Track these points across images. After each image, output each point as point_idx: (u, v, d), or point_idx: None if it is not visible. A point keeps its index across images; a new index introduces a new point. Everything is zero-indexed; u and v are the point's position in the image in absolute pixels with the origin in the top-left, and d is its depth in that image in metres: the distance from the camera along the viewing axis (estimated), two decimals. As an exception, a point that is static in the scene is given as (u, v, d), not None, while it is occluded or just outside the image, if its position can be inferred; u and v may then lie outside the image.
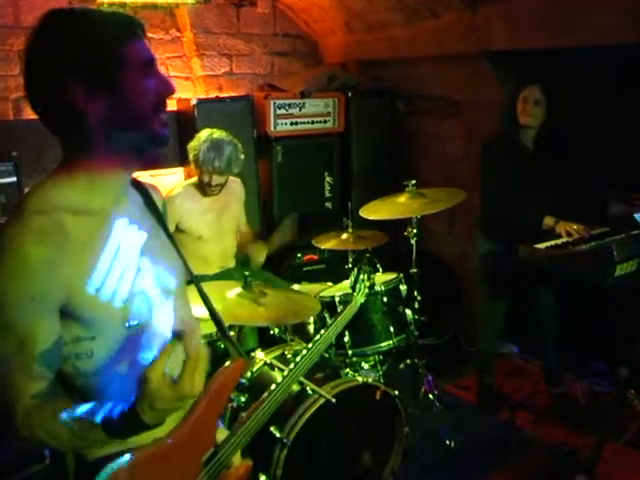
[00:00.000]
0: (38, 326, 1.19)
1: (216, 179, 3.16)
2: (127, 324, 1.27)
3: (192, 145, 3.17)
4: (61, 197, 1.23)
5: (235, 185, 3.45)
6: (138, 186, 1.45)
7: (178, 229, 3.22)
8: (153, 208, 1.46)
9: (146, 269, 1.34)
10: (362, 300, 2.49)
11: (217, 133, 3.17)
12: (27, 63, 1.21)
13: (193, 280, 1.58)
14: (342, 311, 2.33)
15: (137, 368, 1.27)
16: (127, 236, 1.31)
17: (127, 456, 1.26)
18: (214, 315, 1.62)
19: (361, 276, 2.55)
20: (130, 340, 1.29)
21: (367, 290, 2.54)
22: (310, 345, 2.03)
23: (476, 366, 3.66)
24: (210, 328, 2.62)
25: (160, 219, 1.47)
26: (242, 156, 3.22)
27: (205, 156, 3.09)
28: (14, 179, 3.15)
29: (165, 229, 1.47)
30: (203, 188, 3.23)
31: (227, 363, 1.54)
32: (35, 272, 1.15)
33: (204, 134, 3.17)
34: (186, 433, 1.39)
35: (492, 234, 3.31)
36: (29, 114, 3.93)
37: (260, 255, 3.31)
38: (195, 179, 3.29)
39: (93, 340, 1.25)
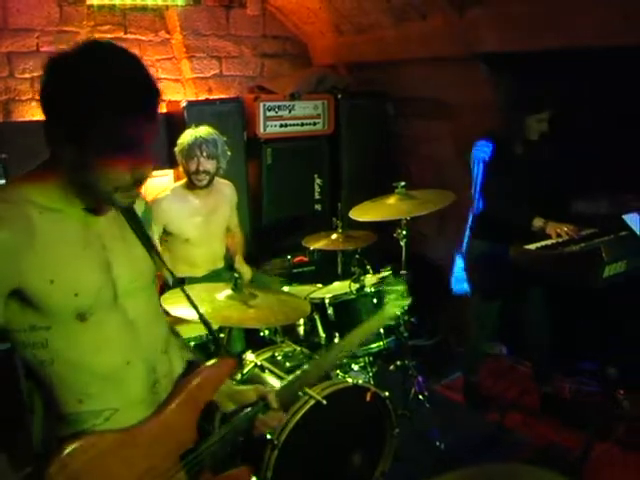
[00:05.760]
0: None
1: (204, 163, 3.15)
2: (82, 318, 1.29)
3: (178, 142, 3.22)
4: (32, 192, 1.26)
5: (225, 188, 3.43)
6: None
7: (166, 232, 3.20)
8: (129, 211, 1.46)
9: (107, 267, 1.34)
10: (396, 312, 2.48)
11: (202, 128, 3.24)
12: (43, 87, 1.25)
13: (179, 284, 1.57)
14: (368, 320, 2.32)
15: (96, 361, 1.31)
16: (91, 234, 1.33)
17: (84, 438, 1.28)
18: (202, 317, 1.62)
19: (398, 286, 2.53)
20: (87, 334, 1.31)
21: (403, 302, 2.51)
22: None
23: (463, 364, 3.67)
24: (199, 330, 2.64)
25: (136, 222, 1.47)
26: (229, 152, 3.27)
27: (193, 142, 3.14)
28: (2, 181, 3.13)
29: (140, 232, 1.47)
30: (191, 181, 3.21)
31: (212, 361, 1.53)
32: None
33: (189, 130, 3.25)
34: (158, 425, 1.40)
35: (484, 235, 3.32)
36: (18, 116, 3.92)
37: (247, 273, 3.35)
38: (184, 181, 3.28)
39: (48, 330, 1.27)
